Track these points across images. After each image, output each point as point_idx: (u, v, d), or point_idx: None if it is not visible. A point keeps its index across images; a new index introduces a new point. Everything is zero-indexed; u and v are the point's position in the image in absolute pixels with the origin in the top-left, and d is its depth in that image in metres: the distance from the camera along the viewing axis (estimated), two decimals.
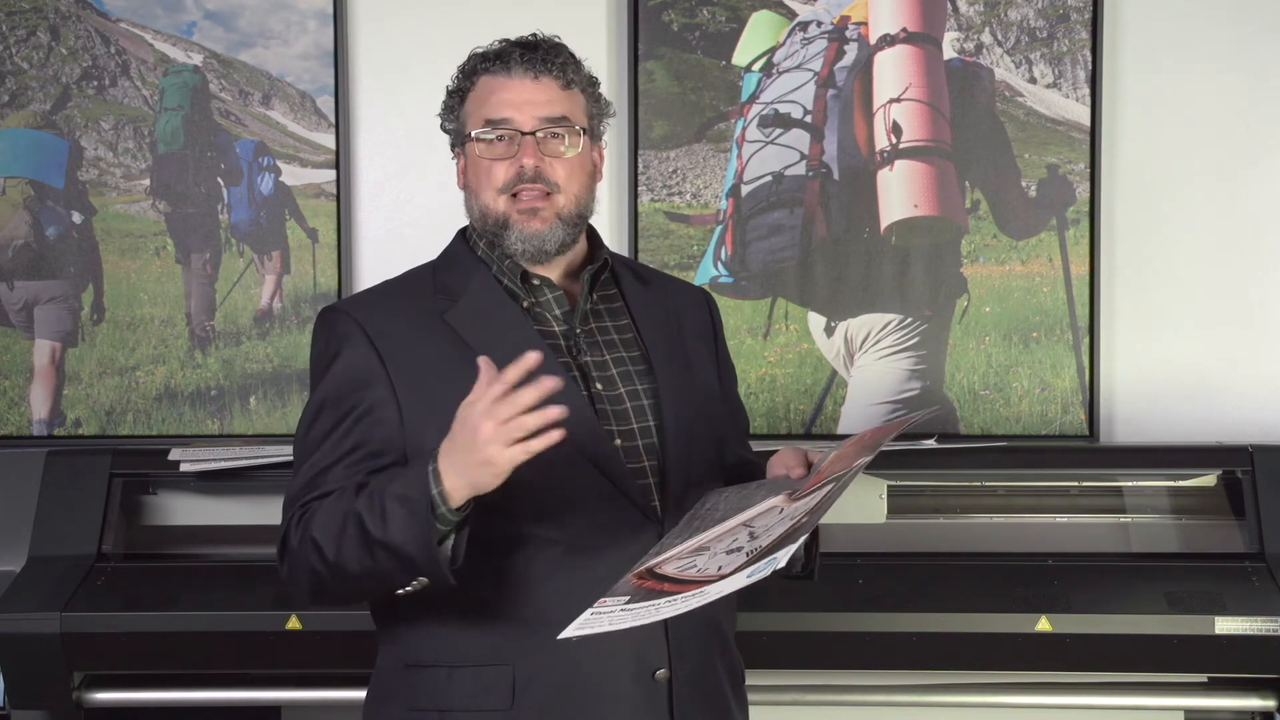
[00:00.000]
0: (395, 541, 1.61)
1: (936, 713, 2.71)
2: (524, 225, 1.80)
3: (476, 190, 1.83)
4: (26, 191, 3.10)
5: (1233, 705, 2.65)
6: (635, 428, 1.81)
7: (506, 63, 1.80)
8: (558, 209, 1.80)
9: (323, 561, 1.69)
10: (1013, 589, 2.57)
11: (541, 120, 1.79)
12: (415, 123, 3.09)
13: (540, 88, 1.80)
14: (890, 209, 3.06)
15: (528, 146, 1.79)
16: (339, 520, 1.67)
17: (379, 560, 1.64)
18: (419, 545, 1.60)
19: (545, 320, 1.83)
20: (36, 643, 2.52)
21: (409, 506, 1.61)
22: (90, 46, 3.11)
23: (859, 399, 3.07)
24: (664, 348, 1.88)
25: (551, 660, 1.72)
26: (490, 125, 1.80)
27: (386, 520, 1.62)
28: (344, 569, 1.67)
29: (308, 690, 2.66)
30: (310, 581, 1.73)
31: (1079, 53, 3.06)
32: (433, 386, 1.74)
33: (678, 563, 1.62)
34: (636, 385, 1.83)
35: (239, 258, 3.12)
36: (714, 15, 3.09)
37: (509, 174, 1.79)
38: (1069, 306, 3.05)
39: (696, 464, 1.85)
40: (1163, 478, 2.82)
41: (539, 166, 1.79)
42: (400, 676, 1.78)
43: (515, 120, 1.79)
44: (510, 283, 1.83)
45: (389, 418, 1.75)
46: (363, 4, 3.12)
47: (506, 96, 1.80)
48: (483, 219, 1.83)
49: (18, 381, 3.10)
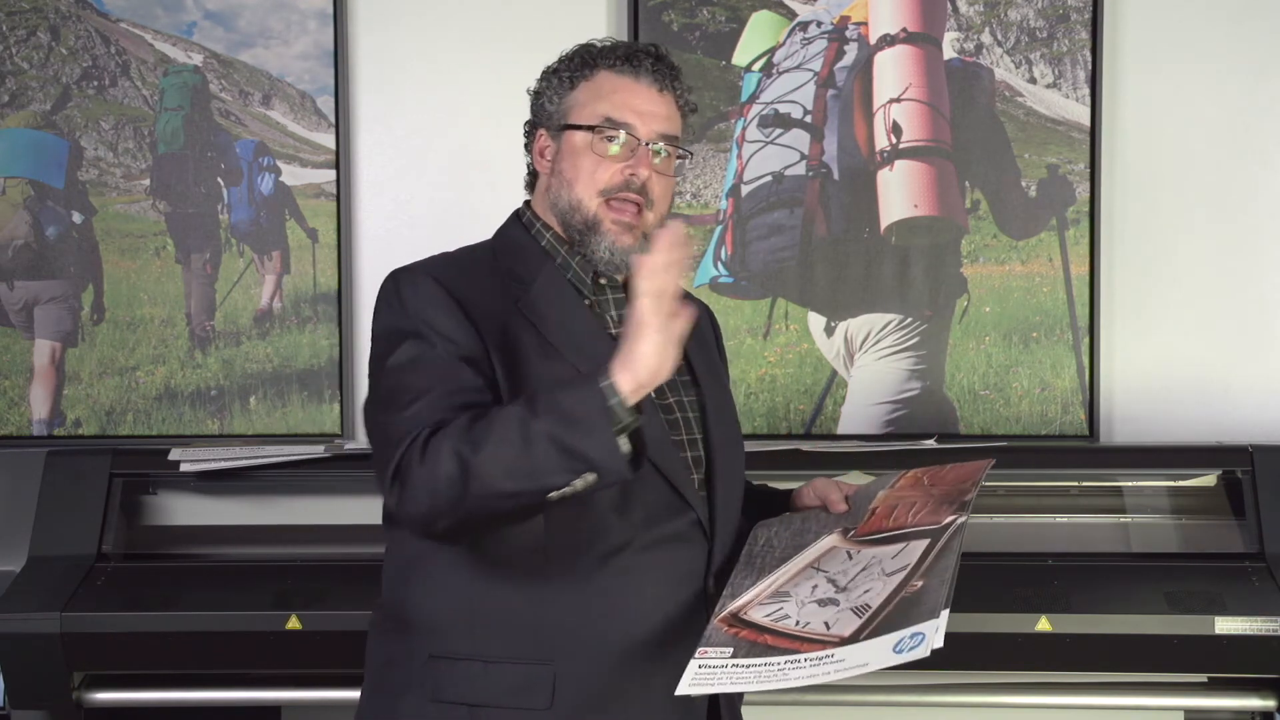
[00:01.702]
0: (565, 426, 1.54)
1: (936, 713, 2.71)
2: (617, 237, 1.78)
3: (572, 182, 1.80)
4: (26, 191, 3.10)
5: (1233, 705, 2.65)
6: (685, 439, 1.80)
7: (636, 66, 1.79)
8: (646, 226, 1.79)
9: (462, 468, 1.57)
10: (1013, 589, 2.57)
11: (660, 134, 1.79)
12: (415, 123, 3.09)
13: (664, 101, 1.80)
14: (890, 209, 3.06)
15: (644, 157, 1.77)
16: (486, 425, 1.58)
17: (539, 454, 1.55)
18: (598, 432, 1.53)
19: (604, 321, 1.82)
20: (36, 643, 2.52)
21: (583, 390, 1.55)
22: (90, 46, 3.11)
23: (859, 399, 3.07)
24: (703, 359, 1.89)
25: (595, 662, 1.70)
26: (610, 123, 1.77)
27: (558, 407, 1.55)
28: (491, 470, 1.56)
29: (308, 690, 2.65)
30: (433, 499, 1.60)
31: (1079, 53, 3.06)
32: (519, 368, 1.71)
33: (762, 609, 1.60)
34: (683, 396, 1.83)
35: (239, 258, 3.11)
36: (714, 15, 3.09)
37: (617, 179, 1.77)
38: (1069, 306, 3.05)
39: (737, 475, 1.85)
40: (1163, 478, 2.82)
41: (649, 179, 1.77)
42: (422, 668, 1.73)
43: (637, 128, 1.77)
44: (575, 279, 1.81)
45: (491, 383, 1.70)
46: (363, 4, 3.12)
47: (634, 102, 1.78)
48: (570, 211, 1.80)
49: (18, 381, 3.10)
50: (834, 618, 1.53)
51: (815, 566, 1.66)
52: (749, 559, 1.74)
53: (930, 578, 1.52)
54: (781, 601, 1.60)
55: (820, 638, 1.50)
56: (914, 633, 1.45)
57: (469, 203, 3.01)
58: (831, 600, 1.56)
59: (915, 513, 1.68)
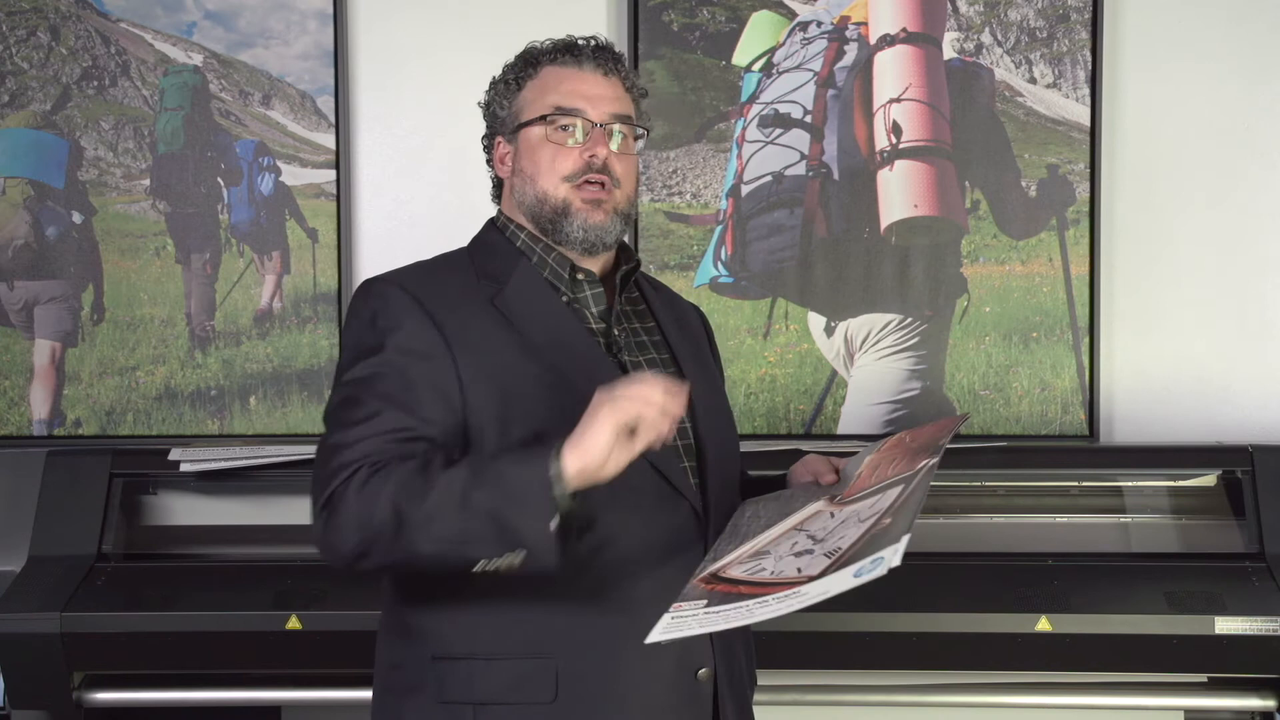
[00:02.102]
0: (504, 501, 1.56)
1: (936, 713, 2.71)
2: (588, 215, 1.79)
3: (534, 176, 1.81)
4: (26, 191, 3.10)
5: (1233, 705, 2.65)
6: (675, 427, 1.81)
7: (578, 56, 1.82)
8: (616, 203, 1.81)
9: (395, 519, 1.59)
10: (1013, 589, 2.57)
11: (612, 115, 1.81)
12: (415, 123, 3.09)
13: (610, 84, 1.83)
14: (890, 209, 3.06)
15: (599, 137, 1.79)
16: (426, 480, 1.59)
17: (473, 525, 1.57)
18: (532, 513, 1.55)
19: (584, 317, 1.83)
20: (36, 643, 2.52)
21: (529, 467, 1.56)
22: (90, 46, 3.11)
23: (859, 399, 3.07)
24: (688, 351, 1.90)
25: (596, 654, 1.71)
26: (560, 111, 1.80)
27: (501, 480, 1.56)
28: (424, 530, 1.58)
29: (308, 690, 2.66)
30: (362, 541, 1.62)
31: (1079, 53, 3.06)
32: (489, 369, 1.71)
33: (741, 566, 1.62)
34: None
35: (239, 258, 3.11)
36: (714, 15, 3.09)
37: (578, 163, 1.79)
38: (1069, 306, 3.05)
39: (729, 463, 1.86)
40: (1163, 478, 2.82)
41: (608, 158, 1.79)
42: (426, 670, 1.73)
43: (588, 111, 1.80)
44: (551, 276, 1.82)
45: (451, 392, 1.70)
46: (363, 4, 3.12)
47: (580, 87, 1.81)
48: (539, 204, 1.81)
49: (18, 381, 3.10)
50: (807, 563, 1.56)
51: (798, 528, 1.69)
52: (734, 528, 1.75)
53: (899, 515, 1.56)
54: (760, 560, 1.63)
55: (791, 580, 1.53)
56: (875, 558, 1.48)
57: (469, 203, 2.98)
58: (807, 551, 1.59)
59: (895, 466, 1.71)
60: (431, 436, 1.67)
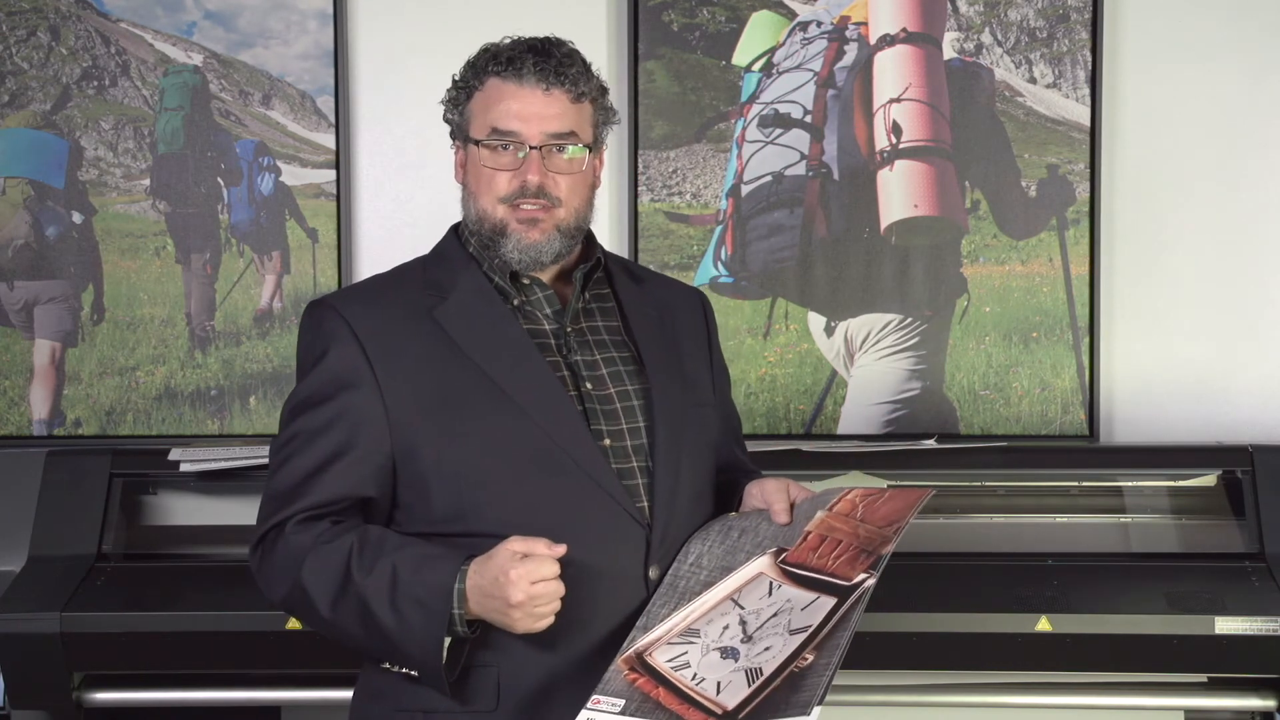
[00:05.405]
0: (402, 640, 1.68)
1: (936, 713, 2.71)
2: (522, 235, 1.80)
3: (476, 194, 1.83)
4: (26, 191, 3.10)
5: (1233, 705, 2.65)
6: (625, 428, 1.80)
7: (519, 69, 1.78)
8: (557, 221, 1.81)
9: (308, 609, 1.74)
10: (1013, 589, 2.57)
11: (549, 136, 1.78)
12: (415, 123, 3.09)
13: (550, 100, 1.79)
14: (890, 209, 3.06)
15: (533, 162, 1.78)
16: (338, 581, 1.70)
17: (374, 640, 1.70)
18: (425, 651, 1.66)
19: (535, 318, 1.83)
20: (36, 643, 2.52)
21: (425, 610, 1.66)
22: (90, 46, 3.11)
23: (859, 399, 3.07)
24: (656, 347, 1.88)
25: (534, 661, 1.73)
26: (496, 134, 1.79)
27: (400, 615, 1.66)
28: (334, 628, 1.73)
29: (308, 690, 2.65)
30: (284, 603, 1.77)
31: (1079, 53, 3.06)
32: (419, 385, 1.75)
33: (668, 650, 1.65)
34: (627, 385, 1.83)
35: (239, 258, 3.12)
36: (714, 15, 3.09)
37: (511, 186, 1.79)
38: (1069, 306, 3.05)
39: (686, 464, 1.84)
40: (1162, 478, 2.82)
41: (543, 183, 1.78)
42: (384, 678, 1.78)
43: (522, 134, 1.78)
44: (501, 280, 1.84)
45: (375, 419, 1.75)
46: (363, 4, 3.12)
47: (515, 107, 1.78)
48: (479, 222, 1.83)
49: (18, 381, 3.10)
50: (727, 678, 1.60)
51: (734, 599, 1.71)
52: (674, 580, 1.76)
53: (820, 654, 1.59)
54: (689, 643, 1.66)
55: (708, 705, 1.58)
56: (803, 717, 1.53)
57: None
58: (733, 652, 1.64)
59: (837, 555, 1.72)
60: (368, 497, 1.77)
